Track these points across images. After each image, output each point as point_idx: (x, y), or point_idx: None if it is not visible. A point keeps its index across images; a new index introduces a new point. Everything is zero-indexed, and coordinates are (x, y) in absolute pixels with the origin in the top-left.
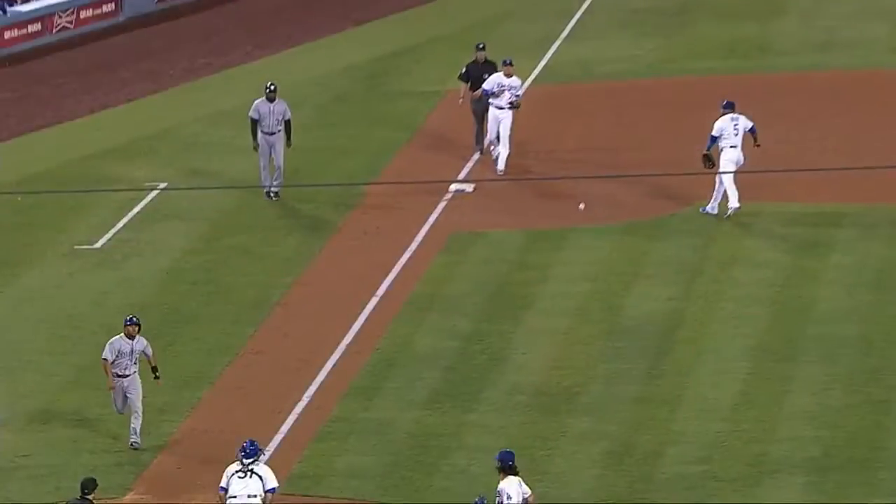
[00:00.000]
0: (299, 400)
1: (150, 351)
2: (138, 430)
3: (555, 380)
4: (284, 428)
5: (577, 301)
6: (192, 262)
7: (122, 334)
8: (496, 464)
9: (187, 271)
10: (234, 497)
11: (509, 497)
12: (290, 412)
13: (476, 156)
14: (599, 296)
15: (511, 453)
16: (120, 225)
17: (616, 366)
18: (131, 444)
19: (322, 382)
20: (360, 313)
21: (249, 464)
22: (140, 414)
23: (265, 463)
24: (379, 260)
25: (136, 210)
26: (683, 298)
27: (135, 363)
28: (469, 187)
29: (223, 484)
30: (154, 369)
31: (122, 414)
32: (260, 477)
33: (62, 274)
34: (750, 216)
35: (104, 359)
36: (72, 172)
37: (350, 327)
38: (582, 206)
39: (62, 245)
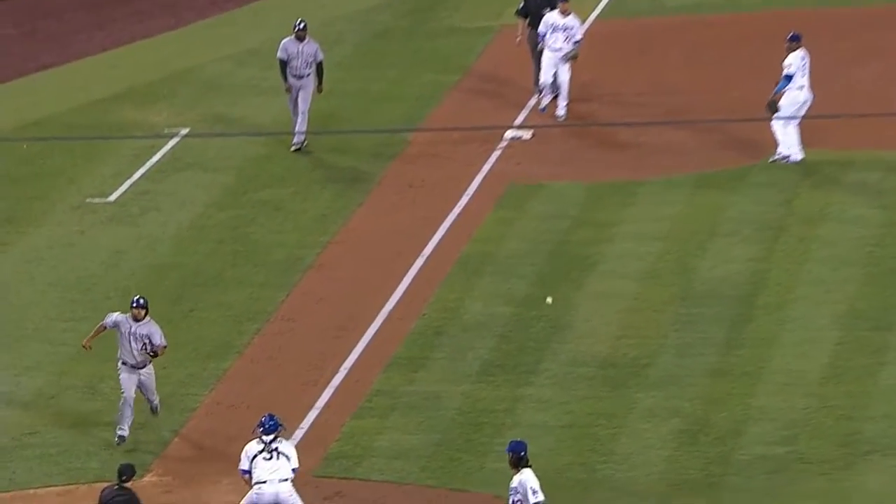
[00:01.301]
0: (336, 372)
1: (157, 341)
2: (128, 426)
3: (621, 350)
4: (319, 403)
5: (646, 262)
6: (216, 218)
7: (129, 315)
8: (507, 456)
9: (211, 228)
10: (264, 482)
11: (535, 491)
12: (325, 385)
13: (534, 100)
14: (671, 256)
15: (523, 443)
16: (136, 176)
17: (689, 335)
18: (118, 438)
19: (361, 353)
20: (403, 276)
21: (271, 441)
22: (155, 400)
23: (288, 440)
24: (424, 216)
25: (154, 160)
26: (765, 259)
27: (144, 349)
28: (526, 134)
29: (245, 466)
30: (154, 356)
31: (131, 398)
32: (287, 457)
33: (72, 231)
34: (840, 166)
35: (102, 324)
36: (83, 117)
37: (393, 291)
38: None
39: (72, 198)
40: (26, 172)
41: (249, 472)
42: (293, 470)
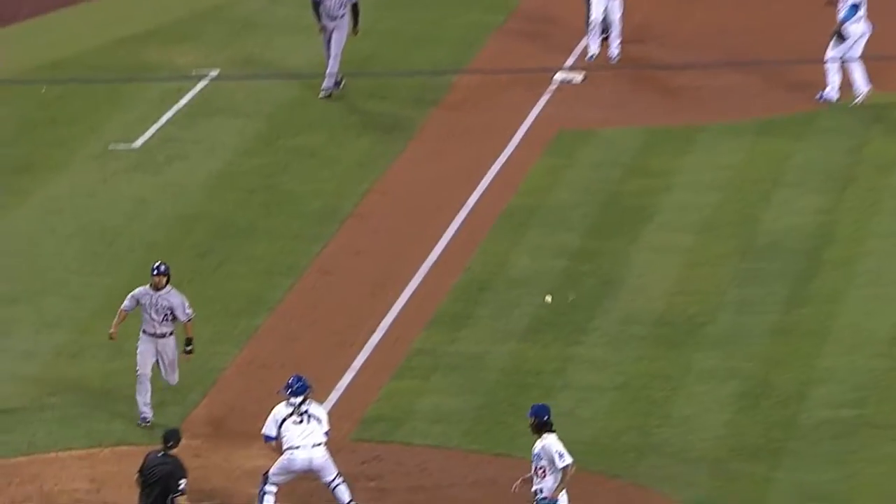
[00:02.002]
0: (374, 330)
1: (182, 316)
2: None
3: (678, 307)
4: (357, 363)
5: (705, 214)
6: (247, 166)
7: (149, 285)
8: (529, 420)
9: (241, 176)
10: (297, 448)
11: (561, 455)
12: (363, 345)
13: (584, 41)
14: (731, 207)
15: (547, 407)
16: (162, 121)
17: (751, 291)
18: (141, 419)
19: (401, 309)
20: (446, 228)
21: (300, 404)
22: (174, 376)
23: (318, 402)
24: (469, 165)
25: (181, 103)
26: (832, 211)
27: (167, 320)
28: (577, 77)
29: (270, 432)
30: (188, 341)
31: (146, 376)
32: (318, 420)
33: (94, 179)
34: None
35: (122, 309)
36: (105, 58)
37: (435, 244)
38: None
39: (94, 145)
40: (45, 117)
41: (275, 438)
42: (326, 433)
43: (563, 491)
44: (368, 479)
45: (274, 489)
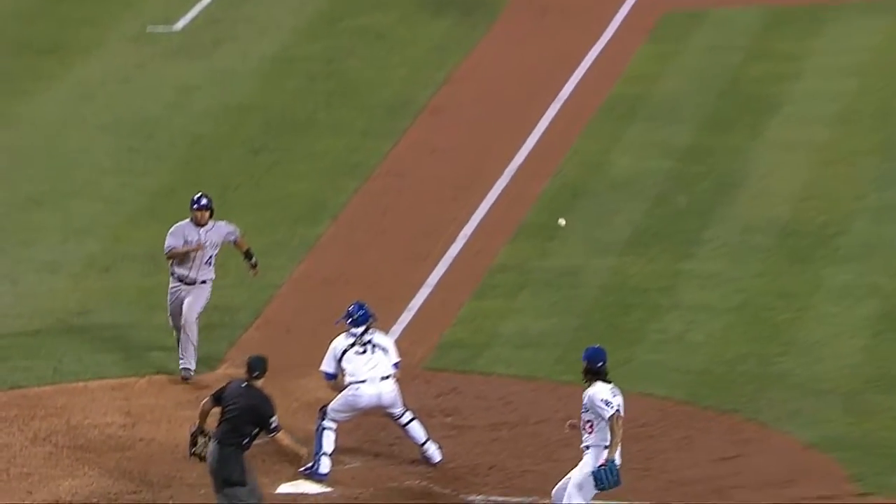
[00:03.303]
0: (452, 241)
1: (237, 234)
2: (189, 355)
3: (806, 214)
4: (432, 279)
5: (840, 104)
6: (305, 50)
7: (189, 219)
8: (582, 365)
9: (300, 62)
10: (363, 381)
11: (607, 402)
12: (438, 258)
13: None
14: (870, 97)
15: (603, 352)
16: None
17: (893, 195)
18: (183, 372)
19: (483, 217)
20: (536, 122)
21: (362, 334)
22: (192, 336)
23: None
24: (562, 49)
25: None
26: None
27: (208, 263)
28: None
29: (328, 368)
30: (248, 254)
31: (178, 329)
32: (384, 350)
33: (130, 64)
34: None
35: (168, 249)
36: None
37: (522, 142)
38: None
39: (130, 25)
40: None
41: (335, 375)
42: (395, 365)
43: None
44: (444, 413)
45: (334, 425)
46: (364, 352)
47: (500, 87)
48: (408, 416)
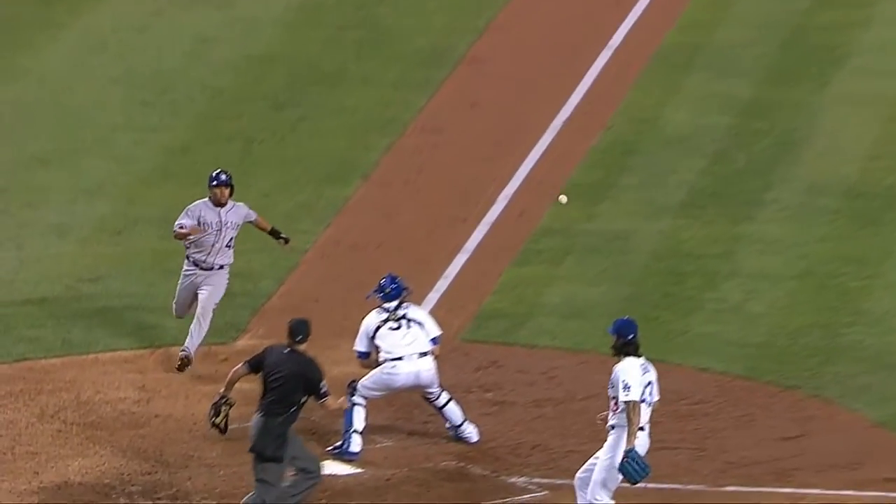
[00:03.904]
0: (493, 202)
1: (255, 215)
2: (196, 341)
3: (875, 175)
4: (470, 244)
5: None
6: None
7: (207, 198)
8: (611, 339)
9: (328, 9)
10: (400, 358)
11: (627, 386)
12: (478, 221)
13: None
14: None
15: (633, 324)
16: None
17: None
18: (182, 353)
19: (526, 176)
20: (583, 74)
21: (396, 308)
22: (205, 324)
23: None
24: None
25: None
26: None
27: (228, 246)
28: None
29: (362, 347)
30: (274, 232)
31: (179, 318)
32: (420, 324)
33: (144, 11)
34: None
35: (177, 227)
36: None
37: (568, 95)
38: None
39: None
40: None
41: (368, 353)
42: (433, 340)
43: (643, 433)
44: (484, 389)
45: (364, 401)
46: (398, 327)
47: (545, 36)
48: (444, 397)
